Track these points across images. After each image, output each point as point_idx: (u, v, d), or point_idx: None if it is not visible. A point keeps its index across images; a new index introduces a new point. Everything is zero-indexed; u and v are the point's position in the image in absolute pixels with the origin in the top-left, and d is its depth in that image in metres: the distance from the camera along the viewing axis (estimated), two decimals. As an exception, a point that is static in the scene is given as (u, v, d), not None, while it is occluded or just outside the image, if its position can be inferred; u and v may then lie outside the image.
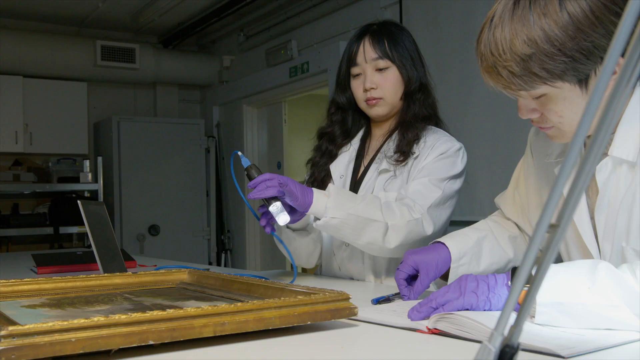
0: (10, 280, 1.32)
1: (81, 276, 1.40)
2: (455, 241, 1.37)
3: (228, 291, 1.30)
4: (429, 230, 1.63)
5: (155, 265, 2.31)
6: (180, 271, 1.50)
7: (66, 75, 6.14)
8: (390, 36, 1.79)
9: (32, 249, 5.73)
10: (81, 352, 0.82)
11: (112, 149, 6.08)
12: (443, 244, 1.36)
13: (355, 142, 1.91)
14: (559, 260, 1.24)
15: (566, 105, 1.05)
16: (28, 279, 1.34)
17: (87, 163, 5.83)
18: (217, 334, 0.93)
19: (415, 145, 1.75)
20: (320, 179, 1.86)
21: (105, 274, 1.45)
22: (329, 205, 1.55)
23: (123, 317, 0.86)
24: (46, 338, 0.80)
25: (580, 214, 1.18)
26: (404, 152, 1.74)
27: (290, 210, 1.58)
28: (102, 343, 0.84)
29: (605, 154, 1.11)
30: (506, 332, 0.53)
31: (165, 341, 0.89)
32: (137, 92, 6.88)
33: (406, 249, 1.56)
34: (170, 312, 0.90)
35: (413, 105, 1.80)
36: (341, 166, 1.88)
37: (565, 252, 1.27)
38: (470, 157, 1.84)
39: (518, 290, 0.51)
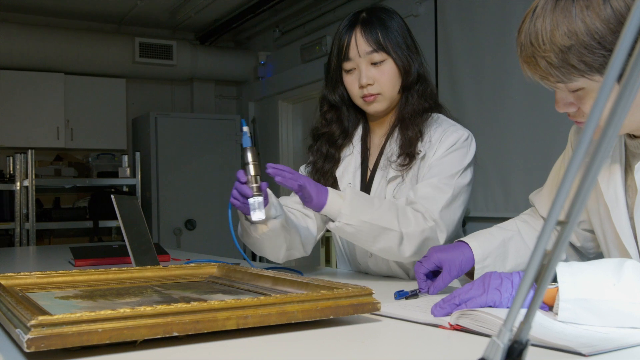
0: (45, 272, 1.36)
1: (113, 269, 1.44)
2: (479, 241, 1.36)
3: (255, 285, 1.32)
4: (442, 238, 1.58)
5: (188, 259, 2.35)
6: (210, 265, 1.53)
7: (106, 72, 6.27)
8: (382, 25, 1.67)
9: (72, 242, 5.87)
10: (108, 342, 0.85)
11: (149, 144, 6.18)
12: (467, 244, 1.35)
13: (357, 142, 1.81)
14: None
15: None
16: (62, 271, 1.38)
17: (125, 158, 5.94)
18: (240, 327, 0.94)
19: (419, 143, 1.67)
20: (329, 185, 1.72)
21: (137, 267, 1.48)
22: (344, 211, 1.50)
23: (148, 309, 0.88)
24: (74, 328, 0.83)
25: (619, 215, 1.17)
26: (408, 154, 1.66)
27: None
28: (127, 334, 0.86)
29: None
30: (516, 327, 0.53)
31: (189, 333, 0.91)
32: (175, 88, 6.98)
33: (421, 256, 1.55)
34: (194, 305, 0.92)
35: (411, 99, 1.70)
36: (348, 173, 1.79)
37: (606, 252, 1.26)
38: (505, 153, 1.79)
39: (527, 286, 0.51)
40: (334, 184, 1.78)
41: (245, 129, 1.56)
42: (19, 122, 5.90)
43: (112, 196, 1.67)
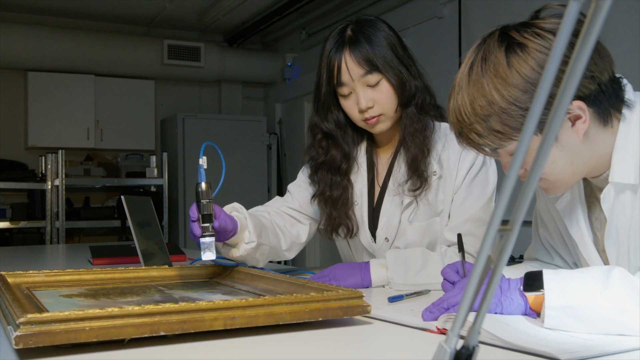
0: (54, 271, 1.40)
1: (120, 268, 1.47)
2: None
3: (255, 286, 1.34)
4: None
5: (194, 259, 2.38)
6: (215, 266, 1.55)
7: (135, 73, 6.38)
8: (369, 42, 1.57)
9: (101, 241, 5.99)
10: (95, 340, 0.87)
11: (177, 145, 6.26)
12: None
13: (362, 158, 1.74)
14: None
15: None
16: (70, 270, 1.42)
17: (153, 159, 6.03)
18: (228, 328, 0.96)
19: (432, 162, 1.62)
20: (341, 216, 1.71)
21: (143, 267, 1.51)
22: (392, 280, 1.50)
23: (136, 309, 0.90)
24: (62, 326, 0.85)
25: (586, 247, 1.19)
26: (419, 176, 1.60)
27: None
28: (114, 332, 0.88)
29: (607, 181, 1.11)
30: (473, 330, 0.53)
31: (176, 333, 0.93)
32: (203, 90, 7.06)
33: None
34: (182, 305, 0.94)
35: (411, 114, 1.62)
36: (355, 193, 1.73)
37: None
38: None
39: (471, 292, 0.52)
40: (347, 213, 1.71)
41: (202, 161, 1.47)
42: (51, 123, 6.04)
43: (122, 197, 1.71)
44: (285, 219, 1.79)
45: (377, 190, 1.73)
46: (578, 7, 0.43)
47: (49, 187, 5.44)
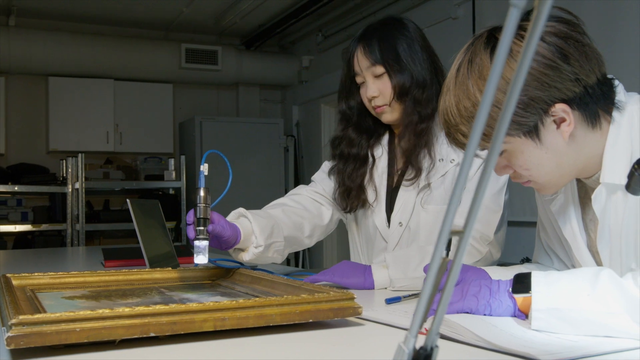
0: (58, 273, 1.43)
1: (124, 270, 1.49)
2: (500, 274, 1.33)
3: (253, 288, 1.36)
4: (497, 255, 1.63)
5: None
6: (217, 268, 1.57)
7: (153, 77, 6.44)
8: (380, 37, 1.69)
9: (120, 243, 6.05)
10: (86, 341, 0.89)
11: (195, 148, 6.31)
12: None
13: (385, 145, 1.82)
14: None
15: (526, 158, 1.08)
16: (74, 272, 1.44)
17: (172, 162, 6.08)
18: (218, 329, 0.97)
19: (449, 151, 1.67)
20: (355, 187, 1.79)
21: (147, 269, 1.54)
22: (393, 277, 1.53)
23: (126, 310, 0.92)
24: (53, 327, 0.87)
25: (579, 249, 1.19)
26: (412, 166, 1.69)
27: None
28: (105, 333, 0.90)
29: (599, 182, 1.11)
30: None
31: (166, 334, 0.94)
32: (220, 93, 7.11)
33: None
34: (171, 307, 0.95)
35: (408, 108, 1.69)
36: (377, 177, 1.80)
37: None
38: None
39: (427, 294, 0.53)
40: (362, 183, 1.79)
41: (203, 167, 1.54)
42: (71, 127, 6.12)
43: (127, 200, 1.74)
44: (309, 201, 1.88)
45: (396, 177, 1.80)
46: (518, 14, 0.43)
47: (70, 190, 5.52)
